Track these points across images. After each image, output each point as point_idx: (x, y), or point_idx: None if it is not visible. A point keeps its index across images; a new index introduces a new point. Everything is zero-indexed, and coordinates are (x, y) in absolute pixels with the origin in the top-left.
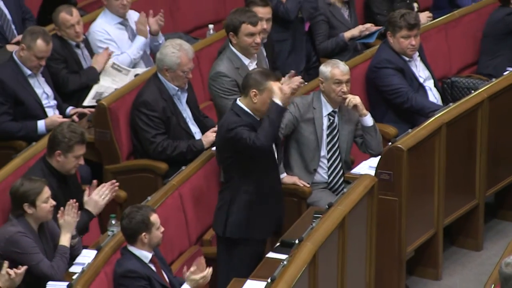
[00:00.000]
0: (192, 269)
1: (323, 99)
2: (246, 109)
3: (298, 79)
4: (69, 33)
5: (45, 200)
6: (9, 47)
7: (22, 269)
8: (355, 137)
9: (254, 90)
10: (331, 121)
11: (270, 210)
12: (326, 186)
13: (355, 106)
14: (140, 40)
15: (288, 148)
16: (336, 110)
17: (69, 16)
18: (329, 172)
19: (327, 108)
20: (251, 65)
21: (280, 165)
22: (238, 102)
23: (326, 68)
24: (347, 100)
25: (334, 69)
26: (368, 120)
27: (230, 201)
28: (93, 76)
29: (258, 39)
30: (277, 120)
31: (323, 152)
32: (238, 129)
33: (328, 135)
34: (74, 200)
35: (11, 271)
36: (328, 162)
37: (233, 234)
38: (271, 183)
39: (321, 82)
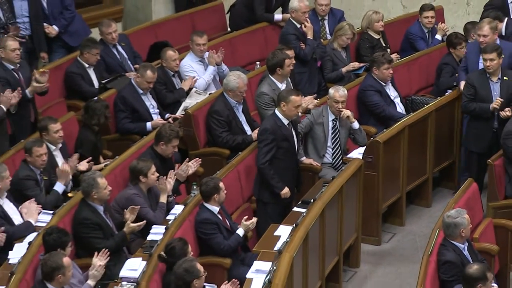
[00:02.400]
0: (244, 218)
1: (329, 110)
2: (280, 116)
3: (311, 98)
4: (172, 64)
5: (153, 173)
6: (128, 75)
7: (142, 222)
8: (349, 134)
9: (283, 102)
10: (334, 124)
11: (288, 183)
12: (330, 165)
13: (347, 117)
14: (211, 68)
15: (306, 141)
16: (337, 117)
17: (174, 53)
18: (333, 156)
19: (331, 116)
20: (282, 86)
21: (301, 152)
22: (276, 111)
23: (331, 91)
24: (342, 113)
25: (335, 92)
26: (355, 125)
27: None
28: (182, 94)
29: (292, 67)
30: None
31: (329, 143)
32: (261, 134)
33: (332, 133)
34: (170, 174)
35: (135, 224)
36: (332, 150)
37: (264, 198)
38: (290, 165)
39: (328, 99)
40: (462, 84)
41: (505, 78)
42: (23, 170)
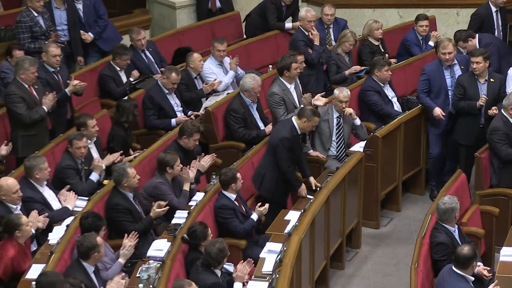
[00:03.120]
0: (258, 205)
1: (333, 108)
2: (296, 126)
3: (319, 96)
4: (199, 64)
5: (178, 165)
6: (155, 77)
7: (166, 208)
8: (351, 130)
9: (305, 118)
10: (338, 121)
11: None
12: (335, 158)
13: (350, 114)
14: (231, 73)
15: (313, 136)
16: (341, 115)
17: (198, 55)
18: (337, 149)
19: (336, 114)
20: (291, 87)
21: (308, 145)
22: (293, 120)
23: (336, 91)
24: (345, 111)
25: (340, 93)
26: (357, 122)
27: (264, 174)
28: (202, 94)
29: (299, 70)
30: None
31: (334, 138)
32: (282, 142)
33: (336, 129)
34: (192, 165)
35: (160, 209)
36: (336, 144)
37: (265, 194)
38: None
39: (333, 99)
40: (437, 111)
41: (491, 80)
42: (65, 160)
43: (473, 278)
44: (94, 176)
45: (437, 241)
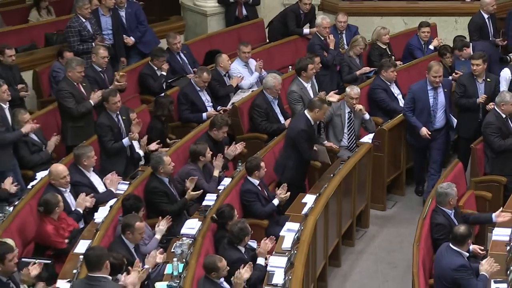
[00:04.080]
0: (279, 192)
1: (345, 104)
2: (310, 118)
3: (333, 93)
4: (227, 64)
5: (208, 152)
6: (188, 76)
7: (200, 191)
8: (361, 123)
9: (317, 109)
10: (349, 115)
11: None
12: (346, 148)
13: (360, 110)
14: (256, 74)
15: (327, 128)
16: (352, 110)
17: (227, 56)
18: (348, 141)
19: (347, 109)
20: (308, 86)
21: (323, 137)
22: (306, 113)
23: (348, 89)
24: (356, 107)
25: (351, 91)
26: (366, 116)
27: (285, 164)
28: (231, 90)
29: (315, 70)
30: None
31: (345, 130)
32: (300, 135)
33: (348, 122)
34: (221, 154)
35: (194, 193)
36: (347, 135)
37: (287, 181)
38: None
39: (345, 96)
40: (424, 131)
41: (488, 80)
42: (102, 117)
43: (468, 254)
44: (125, 141)
45: (436, 222)
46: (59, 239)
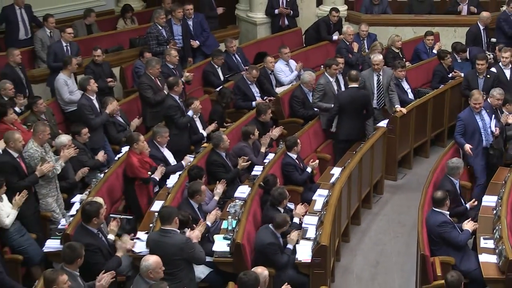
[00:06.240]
0: (310, 161)
1: (373, 72)
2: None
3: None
4: (270, 65)
5: (256, 132)
6: (242, 73)
7: (248, 162)
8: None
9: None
10: (378, 78)
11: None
12: (376, 108)
13: None
14: (295, 73)
15: None
16: (380, 73)
17: (271, 58)
18: (377, 102)
19: (375, 76)
20: (332, 80)
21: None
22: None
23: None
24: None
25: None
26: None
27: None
28: (273, 92)
29: (338, 69)
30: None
31: (375, 92)
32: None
33: (377, 86)
34: (268, 134)
35: (245, 164)
36: (377, 97)
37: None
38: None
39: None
40: (467, 147)
41: (488, 76)
42: (169, 100)
43: (448, 213)
44: (190, 113)
45: (445, 189)
46: (142, 170)
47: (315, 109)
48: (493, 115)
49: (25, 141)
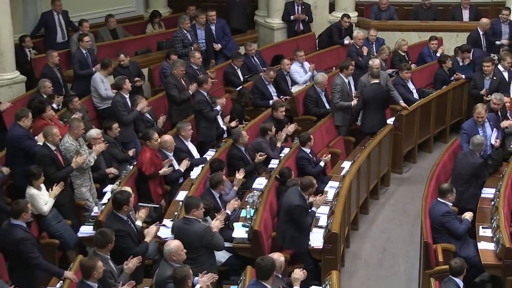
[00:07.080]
0: (323, 155)
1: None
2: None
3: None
4: (286, 67)
5: (272, 128)
6: (260, 74)
7: (264, 156)
8: None
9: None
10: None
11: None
12: None
13: None
14: (309, 73)
15: None
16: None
17: (288, 60)
18: None
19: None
20: (347, 81)
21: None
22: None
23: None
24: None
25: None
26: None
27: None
28: (289, 92)
29: (352, 70)
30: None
31: None
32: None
33: None
34: (284, 131)
35: (261, 157)
36: None
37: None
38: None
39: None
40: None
41: (494, 78)
42: (198, 95)
43: (451, 204)
44: (218, 108)
45: (471, 161)
46: (150, 166)
47: (328, 108)
48: (495, 129)
49: (62, 136)
